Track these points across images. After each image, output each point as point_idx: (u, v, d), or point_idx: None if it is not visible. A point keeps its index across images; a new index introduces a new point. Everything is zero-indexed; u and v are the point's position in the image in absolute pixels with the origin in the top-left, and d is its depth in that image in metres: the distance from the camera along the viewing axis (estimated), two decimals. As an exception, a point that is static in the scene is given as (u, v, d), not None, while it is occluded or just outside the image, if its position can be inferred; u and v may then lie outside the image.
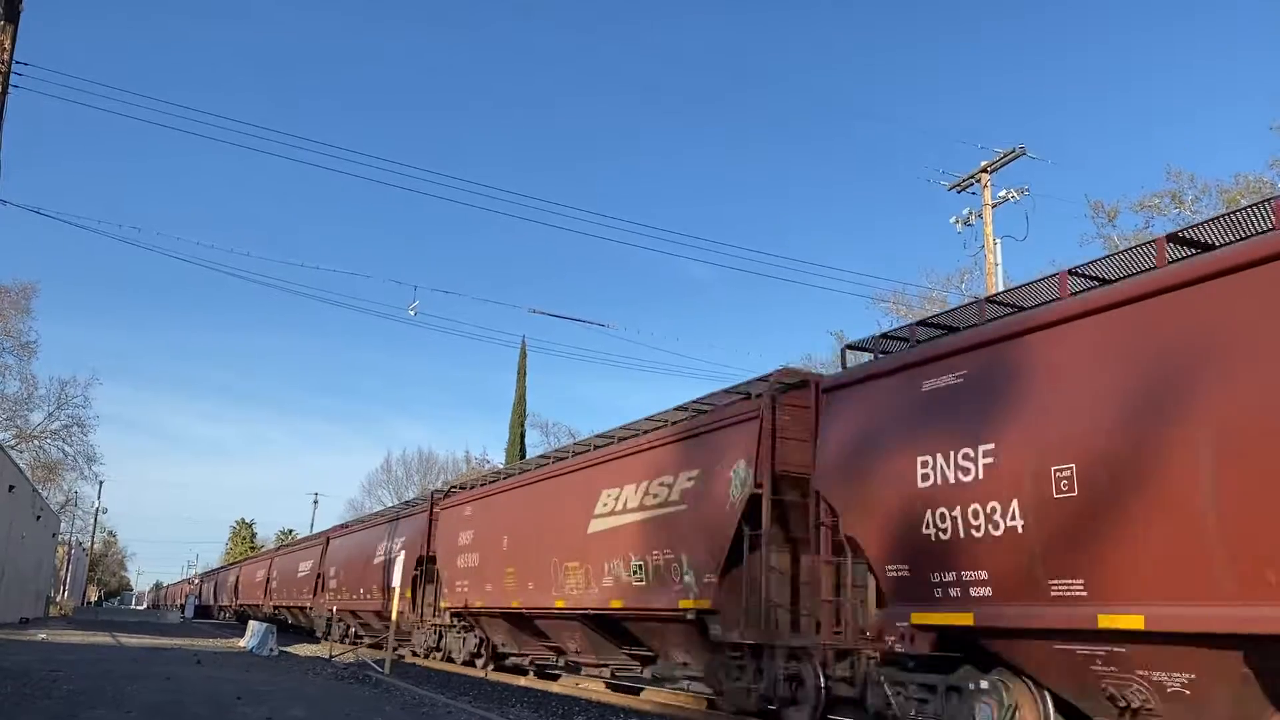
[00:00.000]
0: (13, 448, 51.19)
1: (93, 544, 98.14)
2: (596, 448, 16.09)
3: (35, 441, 60.05)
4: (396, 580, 21.08)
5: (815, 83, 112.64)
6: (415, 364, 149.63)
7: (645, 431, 14.72)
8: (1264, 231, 7.43)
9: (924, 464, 8.84)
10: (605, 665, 16.25)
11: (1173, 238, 8.08)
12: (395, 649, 24.19)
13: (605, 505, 14.56)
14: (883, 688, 9.52)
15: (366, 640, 28.98)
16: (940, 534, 8.59)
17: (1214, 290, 6.98)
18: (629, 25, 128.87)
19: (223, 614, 62.08)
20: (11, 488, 34.75)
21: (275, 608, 42.28)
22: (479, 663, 20.72)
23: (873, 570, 9.62)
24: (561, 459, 17.44)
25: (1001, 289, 23.88)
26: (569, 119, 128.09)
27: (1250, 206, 7.76)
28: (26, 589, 44.08)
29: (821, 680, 10.44)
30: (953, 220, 28.82)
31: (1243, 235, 7.69)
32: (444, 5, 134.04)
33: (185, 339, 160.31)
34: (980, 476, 8.28)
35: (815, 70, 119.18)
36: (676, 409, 14.10)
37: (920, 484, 8.83)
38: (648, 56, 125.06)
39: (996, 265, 27.14)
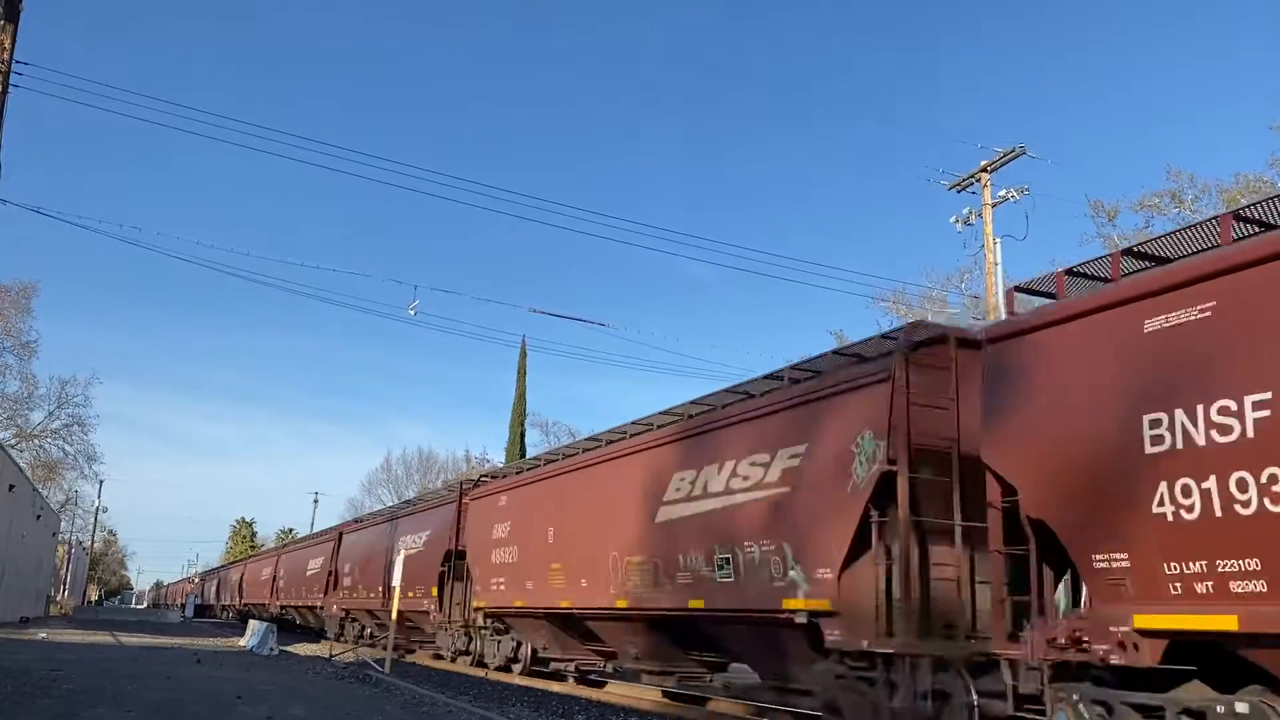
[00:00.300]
0: (13, 447, 51.20)
1: (93, 543, 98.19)
2: (660, 426, 14.31)
3: (35, 441, 60.14)
4: (397, 579, 21.06)
5: (815, 83, 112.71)
6: (415, 364, 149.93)
7: (725, 405, 12.97)
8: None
9: (1155, 424, 6.92)
10: (670, 673, 14.64)
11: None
12: (400, 649, 24.20)
13: (678, 490, 12.76)
14: (1077, 708, 7.63)
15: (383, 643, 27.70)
16: (1183, 512, 6.72)
17: None
18: (629, 25, 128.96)
19: (225, 614, 61.34)
20: (11, 487, 34.75)
21: (283, 607, 41.00)
22: (516, 668, 19.28)
23: (1070, 560, 7.80)
24: (616, 440, 15.44)
25: (1001, 289, 23.89)
26: (569, 119, 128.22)
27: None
28: (26, 588, 44.10)
29: (974, 697, 8.78)
30: (953, 220, 28.83)
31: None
32: (444, 5, 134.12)
33: (185, 339, 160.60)
34: (1250, 435, 6.34)
35: (815, 70, 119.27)
36: (766, 377, 12.35)
37: (1150, 448, 6.94)
38: (648, 57, 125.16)
39: (996, 265, 27.15)
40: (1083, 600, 7.79)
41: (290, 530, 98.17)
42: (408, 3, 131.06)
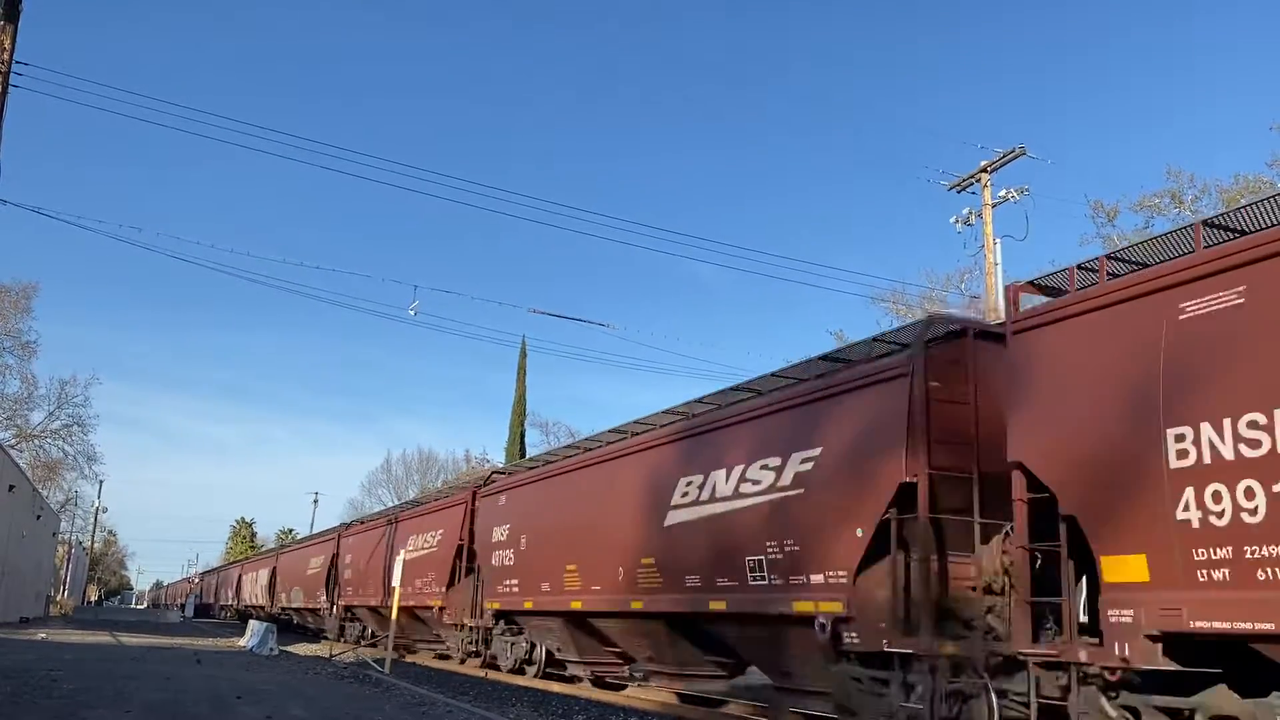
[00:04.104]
0: (13, 447, 51.19)
1: (93, 543, 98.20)
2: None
3: (35, 441, 60.09)
4: (396, 579, 21.11)
5: (816, 82, 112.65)
6: (415, 364, 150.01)
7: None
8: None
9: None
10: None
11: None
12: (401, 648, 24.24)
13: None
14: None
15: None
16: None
17: None
18: (630, 25, 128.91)
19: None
20: (11, 487, 34.77)
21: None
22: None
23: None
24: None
25: (1001, 289, 23.91)
26: (569, 119, 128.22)
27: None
28: (26, 588, 44.10)
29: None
30: (953, 220, 28.86)
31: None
32: (444, 5, 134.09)
33: (185, 339, 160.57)
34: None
35: (816, 70, 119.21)
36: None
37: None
38: (648, 56, 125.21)
39: (996, 265, 27.16)
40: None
41: (290, 531, 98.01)
42: (408, 2, 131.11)
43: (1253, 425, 6.44)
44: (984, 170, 27.97)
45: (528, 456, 15.82)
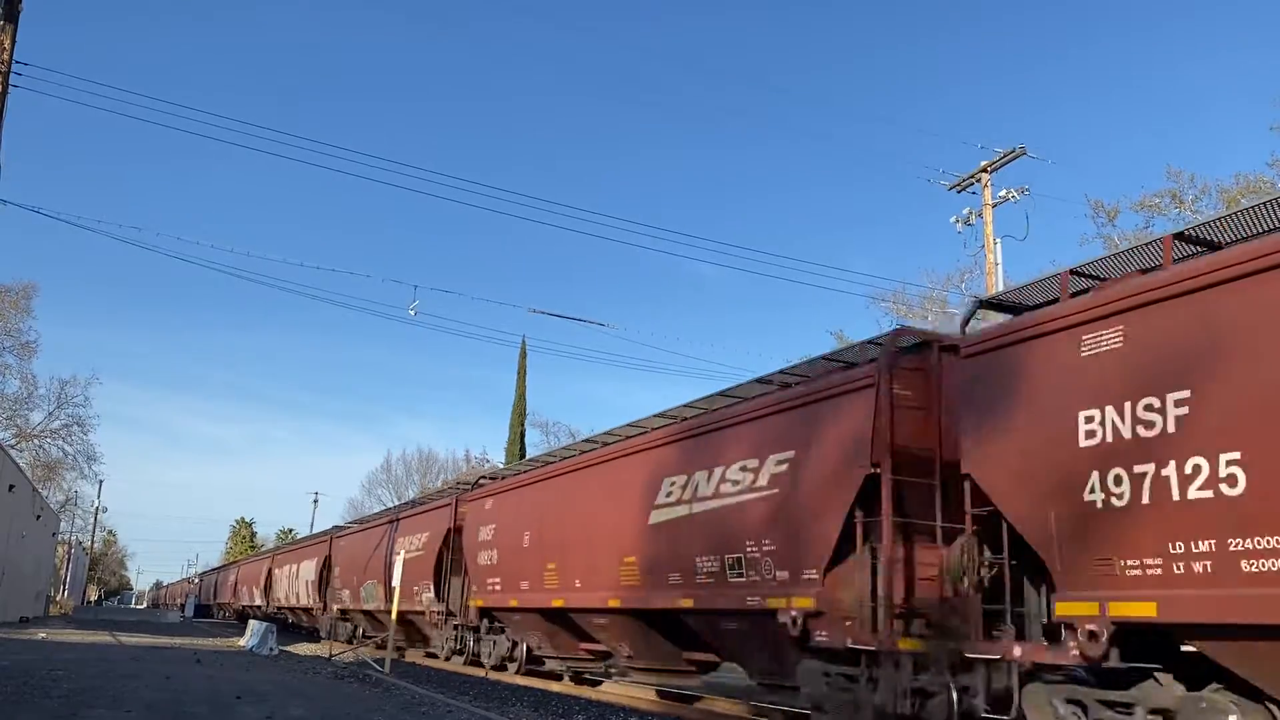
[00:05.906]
0: (13, 447, 51.17)
1: (93, 543, 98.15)
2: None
3: (35, 441, 60.12)
4: (396, 579, 21.04)
5: (816, 82, 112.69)
6: (415, 364, 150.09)
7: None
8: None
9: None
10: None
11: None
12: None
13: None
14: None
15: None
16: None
17: None
18: (630, 25, 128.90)
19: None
20: (11, 487, 34.73)
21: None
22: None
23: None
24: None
25: (1001, 289, 23.90)
26: (569, 119, 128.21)
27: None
28: (26, 588, 44.08)
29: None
30: (953, 220, 28.86)
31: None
32: (445, 5, 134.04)
33: (186, 339, 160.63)
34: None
35: (816, 70, 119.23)
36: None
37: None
38: (649, 56, 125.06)
39: (996, 265, 27.16)
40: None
41: (290, 530, 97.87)
42: (408, 2, 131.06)
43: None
44: (984, 170, 27.97)
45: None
